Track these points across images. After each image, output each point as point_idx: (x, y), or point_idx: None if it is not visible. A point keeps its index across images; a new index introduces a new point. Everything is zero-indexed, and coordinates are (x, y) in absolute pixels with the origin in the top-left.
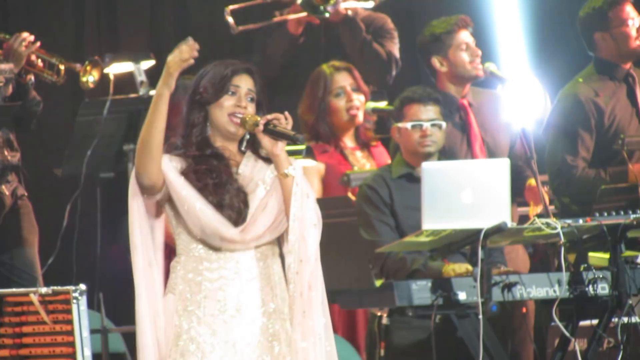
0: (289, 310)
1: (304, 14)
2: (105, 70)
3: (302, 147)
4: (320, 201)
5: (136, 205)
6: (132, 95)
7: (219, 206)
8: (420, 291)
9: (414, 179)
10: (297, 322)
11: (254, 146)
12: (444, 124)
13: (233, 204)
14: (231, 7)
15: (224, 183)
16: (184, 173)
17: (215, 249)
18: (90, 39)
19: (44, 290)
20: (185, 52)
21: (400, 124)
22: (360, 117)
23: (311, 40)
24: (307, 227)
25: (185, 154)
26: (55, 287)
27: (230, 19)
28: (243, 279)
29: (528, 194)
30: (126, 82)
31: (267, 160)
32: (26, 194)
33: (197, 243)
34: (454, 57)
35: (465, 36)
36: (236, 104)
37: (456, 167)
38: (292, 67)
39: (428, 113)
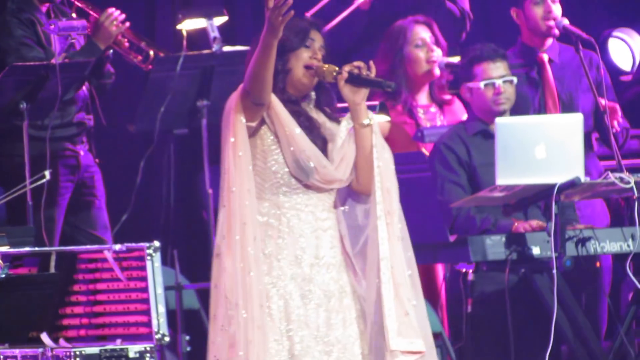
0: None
1: None
2: (179, 27)
3: (375, 102)
4: (394, 156)
5: (241, 126)
6: (205, 52)
7: None
8: (495, 246)
9: (489, 135)
10: (389, 264)
11: (318, 103)
12: (514, 79)
13: (317, 145)
14: (309, 13)
15: (312, 127)
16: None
17: (297, 192)
18: None
19: (117, 247)
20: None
21: (471, 84)
22: (437, 71)
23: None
24: (390, 179)
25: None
26: (129, 244)
27: None
28: (319, 228)
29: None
30: (199, 38)
31: (332, 117)
32: (97, 160)
33: (276, 187)
34: (528, 10)
35: None
36: (312, 56)
37: (530, 123)
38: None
39: (498, 70)
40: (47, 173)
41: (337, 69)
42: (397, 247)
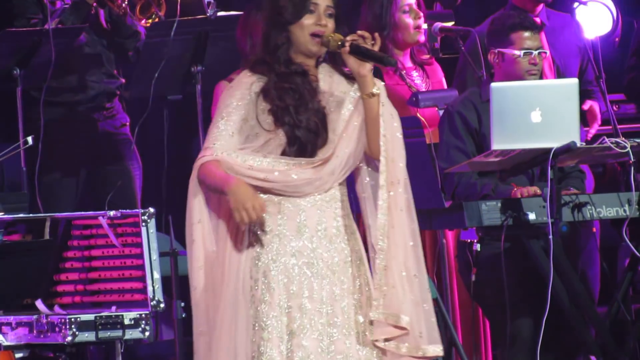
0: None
1: None
2: None
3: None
4: None
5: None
6: (200, 17)
7: (295, 127)
8: (490, 212)
9: None
10: (385, 234)
11: (333, 59)
12: (548, 53)
13: (309, 125)
14: None
15: (306, 102)
16: (265, 90)
17: None
18: None
19: (112, 213)
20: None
21: (506, 50)
22: (422, 37)
23: None
24: (396, 149)
25: (270, 68)
26: (124, 210)
27: None
28: (322, 200)
29: (589, 116)
30: (193, 3)
31: (344, 74)
32: (126, 123)
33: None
34: None
35: None
36: (316, 22)
37: (525, 87)
38: None
39: (536, 41)
40: (29, 139)
41: (341, 38)
42: (398, 217)
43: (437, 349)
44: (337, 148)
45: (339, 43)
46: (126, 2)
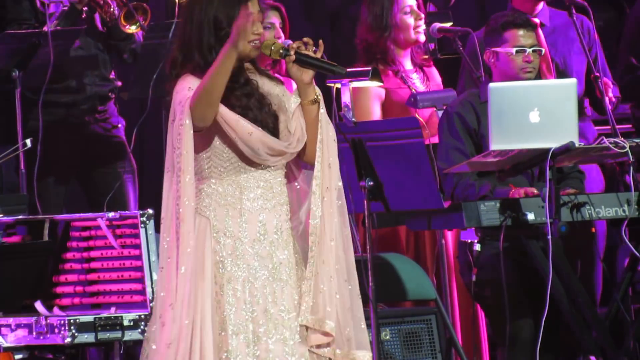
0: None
1: None
2: None
3: (367, 68)
4: (388, 122)
5: (190, 139)
6: None
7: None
8: (489, 212)
9: None
10: (317, 240)
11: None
12: (543, 50)
13: (268, 124)
14: None
15: (262, 105)
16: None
17: (253, 167)
18: None
19: (111, 214)
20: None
21: (500, 49)
22: (422, 38)
23: None
24: (332, 154)
25: None
26: (122, 212)
27: None
28: (277, 203)
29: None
30: None
31: (272, 77)
32: (118, 125)
33: (236, 167)
34: None
35: None
36: (253, 32)
37: (524, 88)
38: None
39: (530, 38)
40: (28, 141)
41: (283, 47)
42: (331, 224)
43: (367, 356)
44: (294, 141)
45: (281, 51)
46: (114, 8)
